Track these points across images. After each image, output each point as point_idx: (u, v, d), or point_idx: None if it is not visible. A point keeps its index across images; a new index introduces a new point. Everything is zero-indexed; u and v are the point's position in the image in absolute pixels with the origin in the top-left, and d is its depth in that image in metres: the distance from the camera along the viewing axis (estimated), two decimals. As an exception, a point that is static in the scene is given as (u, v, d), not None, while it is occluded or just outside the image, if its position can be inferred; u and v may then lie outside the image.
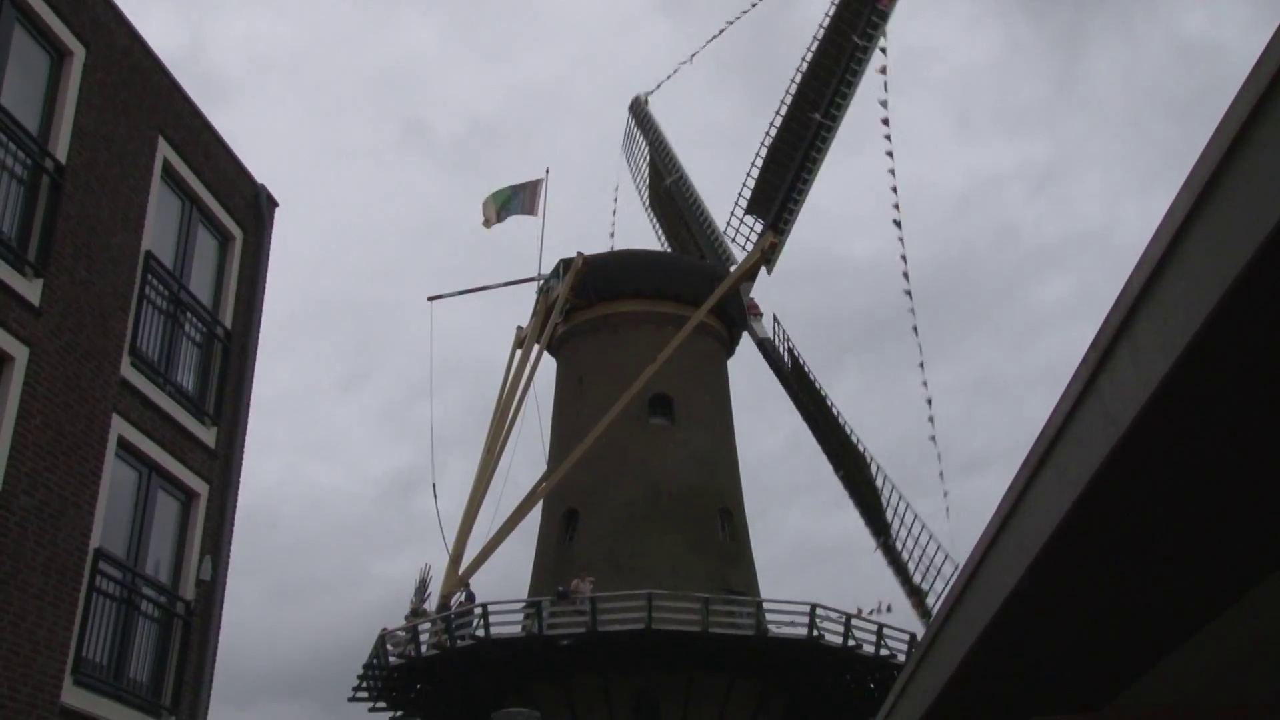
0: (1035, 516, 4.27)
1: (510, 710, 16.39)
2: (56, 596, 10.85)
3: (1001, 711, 6.43)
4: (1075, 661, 5.63)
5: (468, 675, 31.25)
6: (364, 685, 33.59)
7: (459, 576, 34.72)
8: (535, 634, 29.87)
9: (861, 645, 30.78)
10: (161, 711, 12.50)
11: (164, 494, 13.05)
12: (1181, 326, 3.08)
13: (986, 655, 5.46)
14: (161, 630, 12.85)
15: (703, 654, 29.71)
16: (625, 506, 33.67)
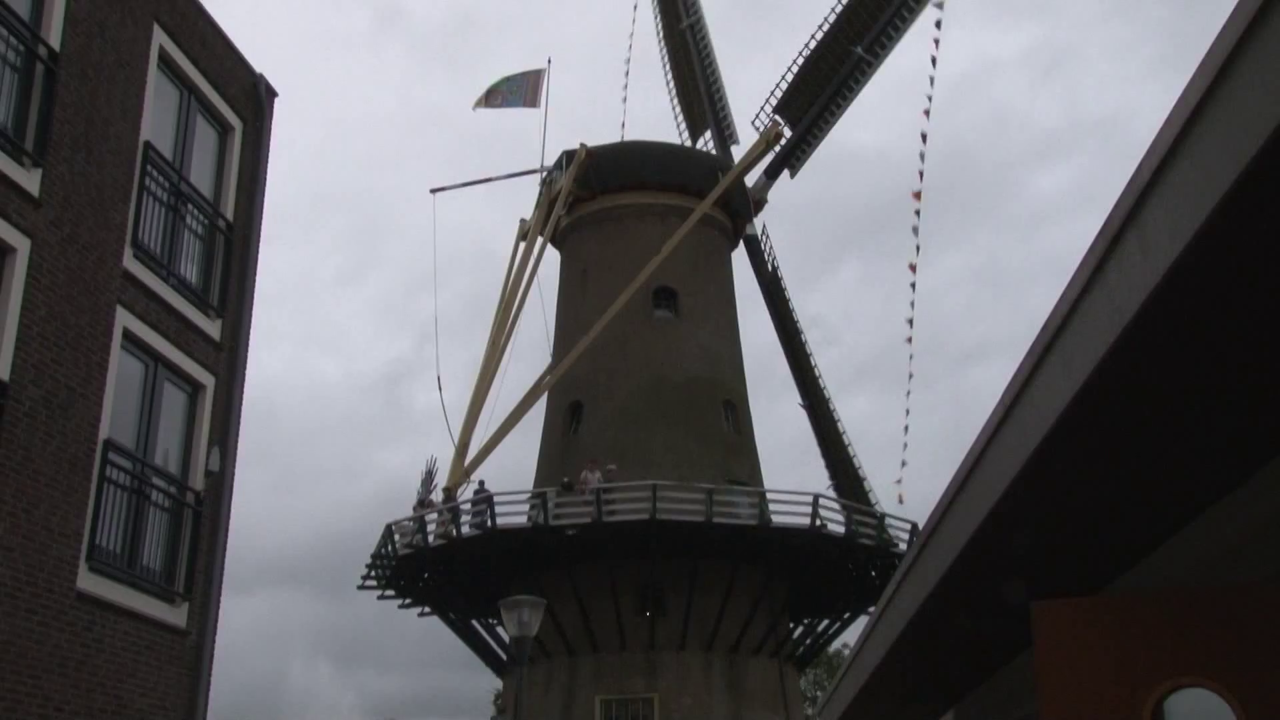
0: (1039, 405, 4.29)
1: (516, 598, 16.64)
2: (68, 486, 10.99)
3: (1002, 595, 6.54)
4: (1076, 546, 5.71)
5: (474, 564, 31.77)
6: (372, 574, 34.18)
7: (464, 468, 35.09)
8: (541, 524, 30.28)
9: (863, 534, 31.22)
10: (175, 597, 12.74)
11: (171, 386, 13.13)
12: (1191, 214, 3.05)
13: (987, 542, 5.54)
14: (172, 520, 13.03)
15: (707, 543, 30.14)
16: (629, 399, 33.87)
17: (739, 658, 31.57)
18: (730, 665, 31.53)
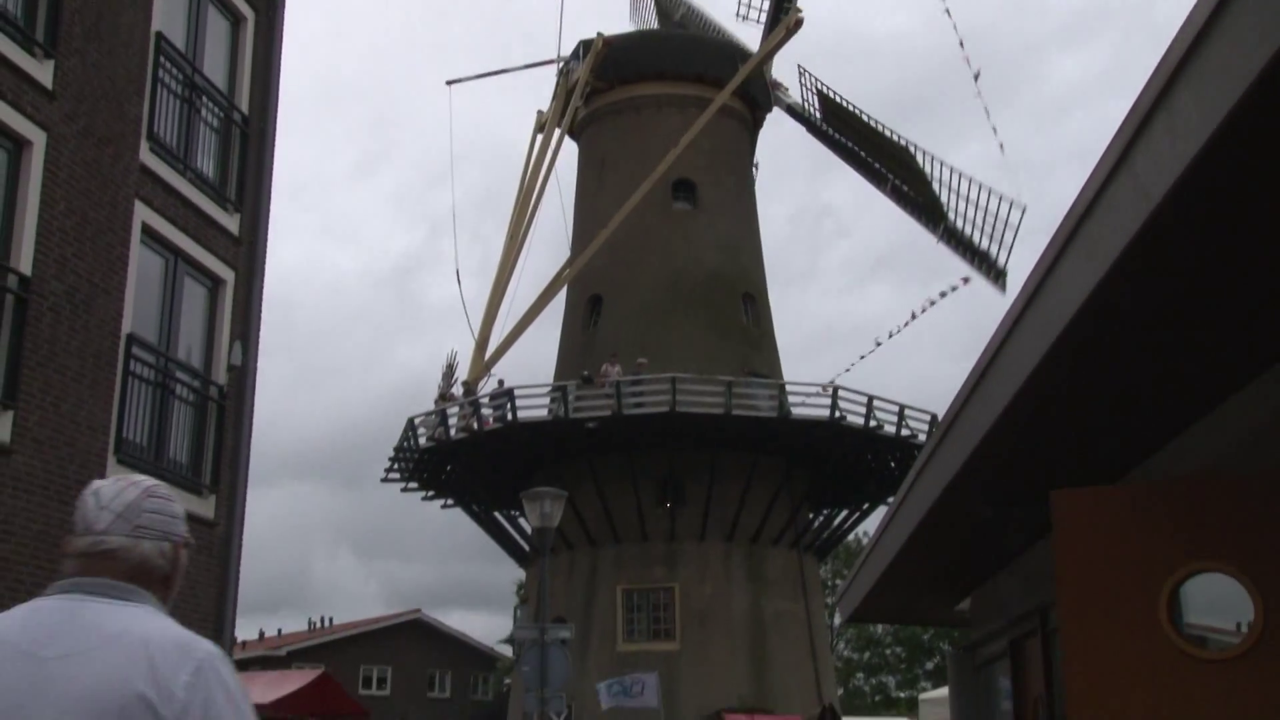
0: (1061, 293, 4.26)
1: (538, 490, 16.85)
2: (94, 380, 11.09)
3: (1020, 485, 6.57)
4: (1095, 435, 5.72)
5: (496, 457, 32.11)
6: (395, 468, 34.61)
7: (485, 362, 35.26)
8: (561, 417, 30.50)
9: (883, 425, 31.35)
10: (202, 490, 12.93)
11: (191, 281, 13.16)
12: (1223, 96, 2.98)
13: (1006, 432, 5.54)
14: (196, 413, 13.17)
15: (726, 435, 30.35)
16: (649, 292, 33.83)
17: (758, 547, 32.00)
18: (750, 555, 31.97)
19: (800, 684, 31.30)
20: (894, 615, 13.28)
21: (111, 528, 2.34)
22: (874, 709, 51.46)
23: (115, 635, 2.19)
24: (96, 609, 2.25)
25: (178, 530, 2.50)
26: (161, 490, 2.49)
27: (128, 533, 2.36)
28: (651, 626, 31.45)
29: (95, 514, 2.36)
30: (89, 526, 2.36)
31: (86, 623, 2.22)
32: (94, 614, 2.24)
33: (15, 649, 2.18)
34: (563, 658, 15.49)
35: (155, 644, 2.20)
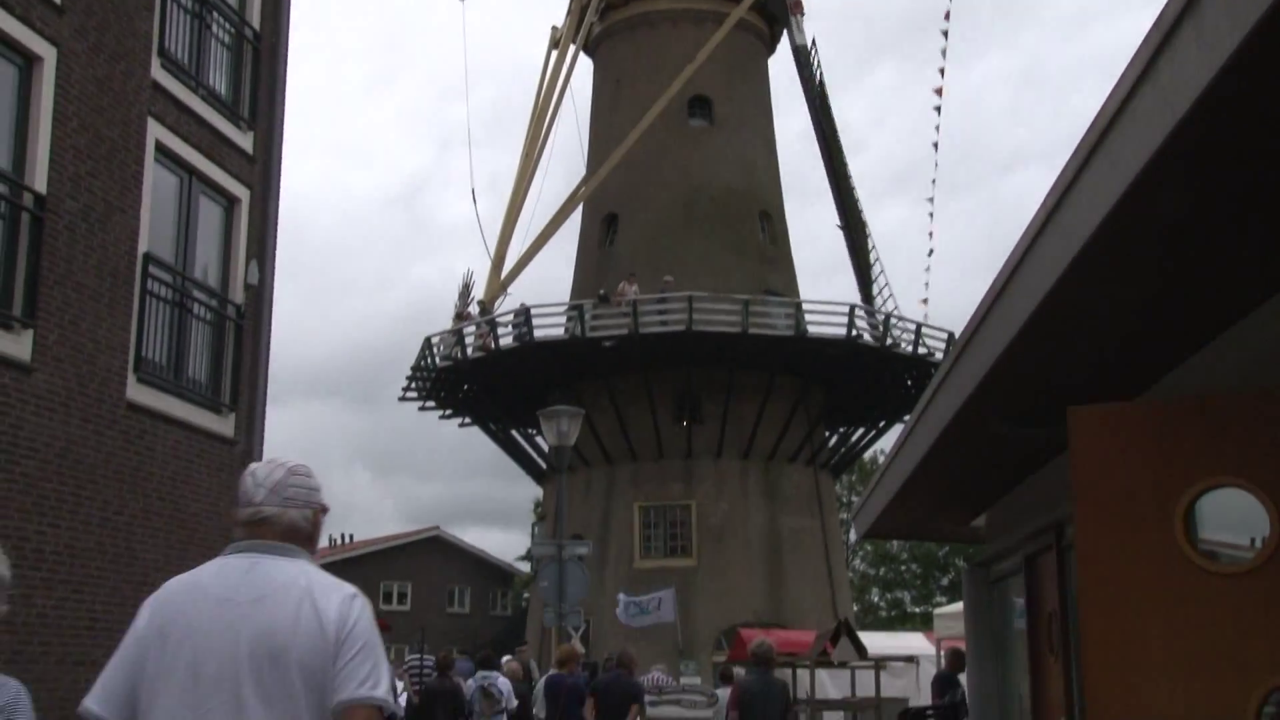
0: (1082, 207, 4.20)
1: (555, 408, 16.92)
2: (111, 299, 11.13)
3: (1037, 402, 6.56)
4: (1113, 352, 5.69)
5: (513, 376, 32.22)
6: (412, 386, 34.80)
7: (501, 281, 35.25)
8: (578, 336, 30.54)
9: (899, 344, 31.31)
10: (221, 408, 13.02)
11: (206, 199, 13.13)
12: (1254, 5, 2.91)
13: (1024, 349, 5.52)
14: (214, 332, 13.21)
15: (743, 354, 30.37)
16: (665, 210, 33.66)
17: (775, 465, 32.17)
18: (766, 472, 32.16)
19: (816, 600, 31.65)
20: (909, 531, 13.36)
21: (266, 500, 2.98)
22: (889, 624, 52.07)
23: (285, 583, 2.84)
24: (268, 563, 2.89)
25: (316, 500, 3.07)
26: (302, 469, 3.10)
27: (278, 504, 2.98)
28: (668, 543, 31.78)
29: (253, 490, 3.01)
30: (249, 500, 3.00)
31: (263, 574, 2.87)
32: (267, 567, 2.88)
33: (214, 596, 2.83)
34: (580, 573, 15.66)
35: (315, 587, 2.85)
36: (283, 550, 2.92)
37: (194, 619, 2.81)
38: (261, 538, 2.95)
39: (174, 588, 2.96)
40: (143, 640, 2.83)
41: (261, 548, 2.92)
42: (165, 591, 2.96)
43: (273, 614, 2.77)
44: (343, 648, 2.77)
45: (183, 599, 2.89)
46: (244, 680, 2.71)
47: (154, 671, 2.77)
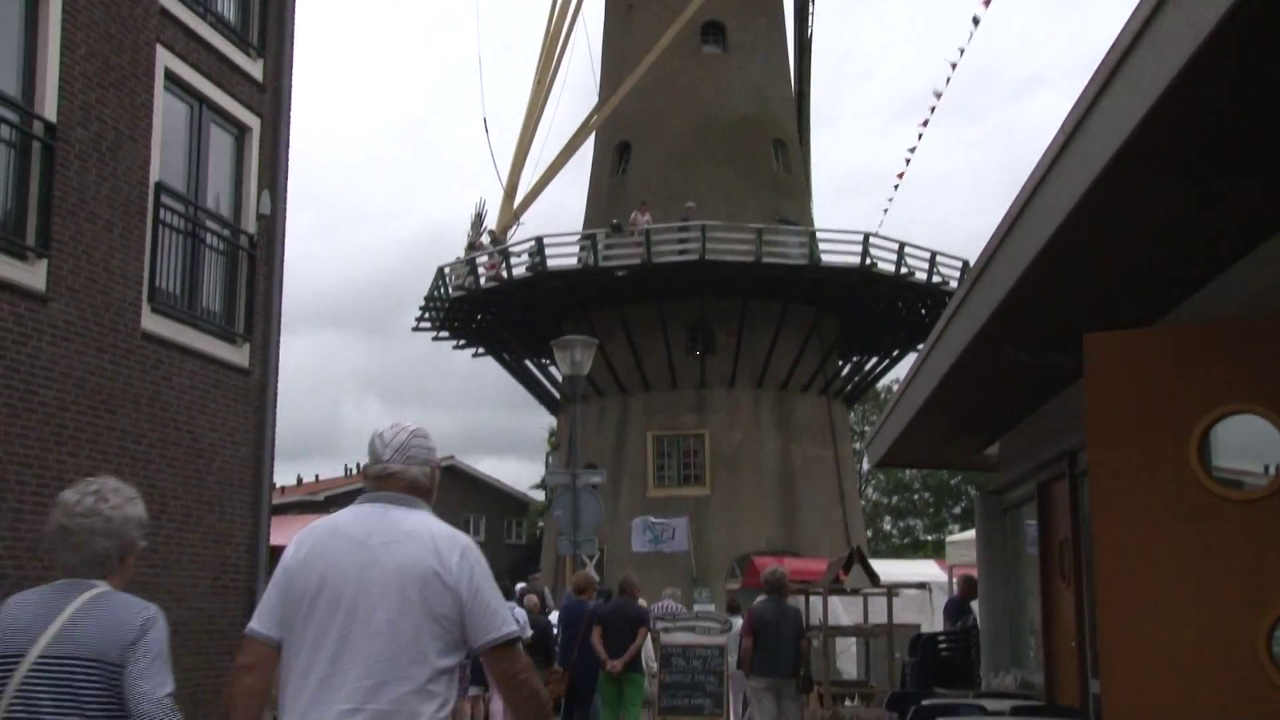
0: (1102, 131, 4.15)
1: (569, 338, 16.94)
2: (125, 229, 11.12)
3: (1052, 330, 6.54)
4: (1129, 279, 5.65)
5: (526, 306, 32.21)
6: (425, 317, 34.84)
7: (513, 210, 35.12)
8: (591, 266, 30.47)
9: (914, 273, 31.17)
10: (235, 338, 13.06)
11: (217, 128, 13.05)
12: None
13: (1040, 276, 5.49)
14: (227, 262, 13.21)
15: (756, 283, 30.28)
16: (677, 138, 33.39)
17: (788, 394, 32.21)
18: (779, 402, 32.21)
19: (828, 528, 31.87)
20: (922, 460, 13.42)
21: (392, 459, 3.43)
22: (901, 552, 52.46)
23: (411, 530, 3.30)
24: (396, 513, 3.35)
25: (433, 459, 3.54)
26: (421, 432, 3.55)
27: (402, 462, 3.43)
28: (681, 472, 31.95)
29: (381, 450, 3.47)
30: (378, 458, 3.46)
31: (393, 522, 3.32)
32: (396, 516, 3.34)
33: (350, 538, 3.30)
34: (594, 502, 15.77)
35: (437, 535, 3.31)
36: (407, 502, 3.39)
37: (333, 556, 3.28)
38: (388, 490, 3.41)
39: (316, 530, 3.42)
40: (290, 573, 3.33)
41: (389, 499, 3.38)
42: (308, 533, 3.43)
43: (402, 556, 3.24)
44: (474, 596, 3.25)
45: (324, 539, 3.35)
46: (377, 607, 3.19)
47: (300, 599, 3.26)
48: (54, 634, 3.13)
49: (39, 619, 3.19)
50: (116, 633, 3.15)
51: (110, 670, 3.10)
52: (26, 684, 3.06)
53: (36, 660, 3.08)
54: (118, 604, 3.27)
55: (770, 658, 10.83)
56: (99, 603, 3.24)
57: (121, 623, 3.19)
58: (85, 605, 3.21)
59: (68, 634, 3.13)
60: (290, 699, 3.17)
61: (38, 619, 3.19)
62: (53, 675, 3.07)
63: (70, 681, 3.07)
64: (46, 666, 3.08)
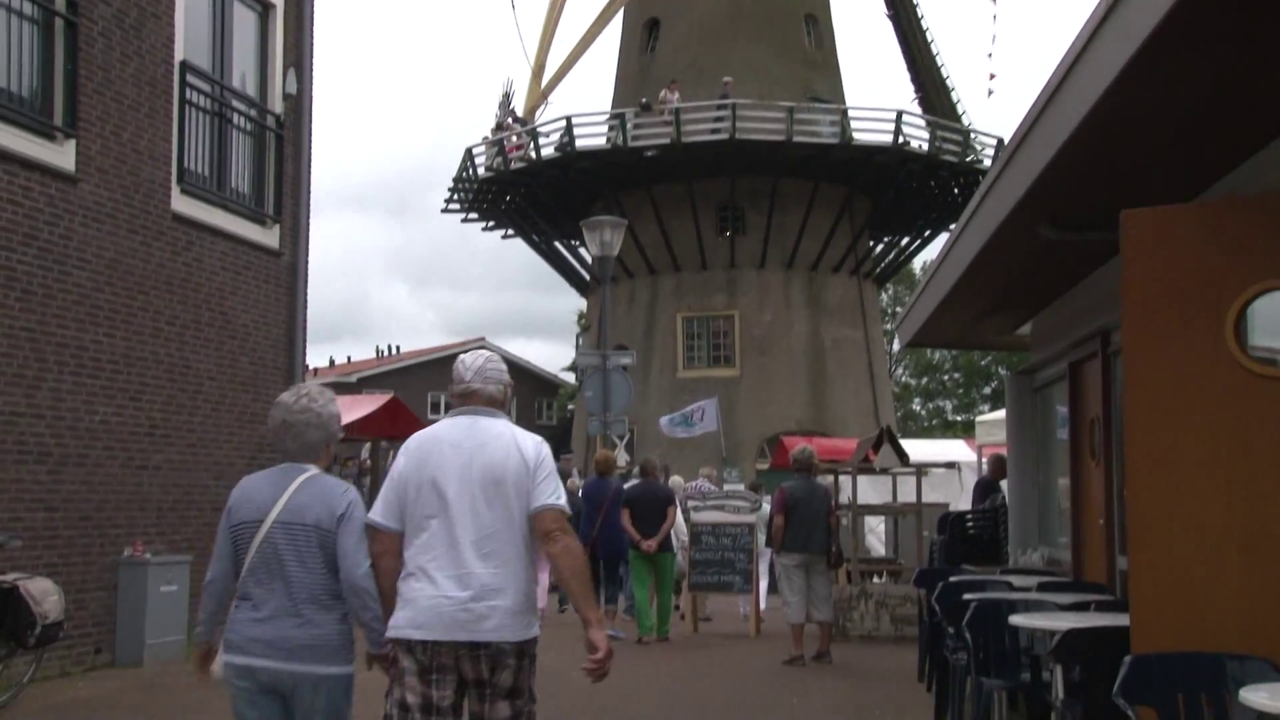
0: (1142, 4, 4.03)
1: (598, 218, 16.85)
2: (151, 109, 11.06)
3: (1087, 207, 6.44)
4: (1168, 154, 5.54)
5: (555, 187, 32.00)
6: (454, 198, 34.70)
7: (541, 90, 34.69)
8: (620, 145, 30.16)
9: (948, 150, 30.71)
10: (265, 220, 13.06)
11: (240, 5, 12.87)
12: None
13: (1077, 151, 5.39)
14: (255, 143, 13.15)
15: (787, 162, 29.93)
16: (707, 14, 32.70)
17: (818, 275, 32.06)
18: (810, 282, 32.08)
19: (858, 409, 31.97)
20: (953, 340, 13.38)
21: (473, 380, 4.24)
22: (930, 433, 52.69)
23: (497, 434, 4.13)
24: (481, 422, 4.16)
25: (506, 379, 4.33)
26: (495, 358, 4.36)
27: (481, 382, 4.24)
28: (711, 354, 32.01)
29: (464, 372, 4.26)
30: (461, 379, 4.25)
31: (481, 428, 4.14)
32: (483, 423, 4.15)
33: (449, 442, 4.11)
34: (624, 383, 15.85)
35: (517, 436, 4.15)
36: (488, 412, 4.21)
37: (437, 459, 4.08)
38: (473, 404, 4.22)
39: (420, 439, 4.20)
40: (404, 475, 4.10)
41: (475, 411, 4.19)
42: (414, 442, 4.20)
43: (492, 454, 4.06)
44: (536, 474, 4.07)
45: (428, 444, 4.14)
46: (476, 495, 4.01)
47: (414, 494, 4.04)
48: (283, 504, 4.04)
49: (271, 493, 4.08)
50: (329, 507, 4.04)
51: (325, 534, 4.01)
52: (266, 541, 4.01)
53: (272, 524, 4.02)
54: (327, 484, 4.14)
55: (802, 534, 10.98)
56: (313, 482, 4.10)
57: (332, 499, 4.07)
58: (303, 484, 4.08)
59: (293, 505, 4.04)
60: (413, 570, 4.00)
61: (270, 493, 4.08)
62: (284, 535, 4.01)
63: (296, 540, 4.01)
64: (279, 529, 4.02)
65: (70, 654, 9.88)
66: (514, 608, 3.96)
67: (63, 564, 9.84)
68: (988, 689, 6.44)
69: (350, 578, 3.98)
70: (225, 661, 4.01)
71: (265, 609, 3.96)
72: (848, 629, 12.74)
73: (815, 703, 8.77)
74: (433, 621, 3.90)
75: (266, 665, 3.93)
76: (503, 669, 3.94)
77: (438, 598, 3.92)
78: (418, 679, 3.91)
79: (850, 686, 9.57)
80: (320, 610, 3.98)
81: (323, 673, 3.95)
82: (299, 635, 3.93)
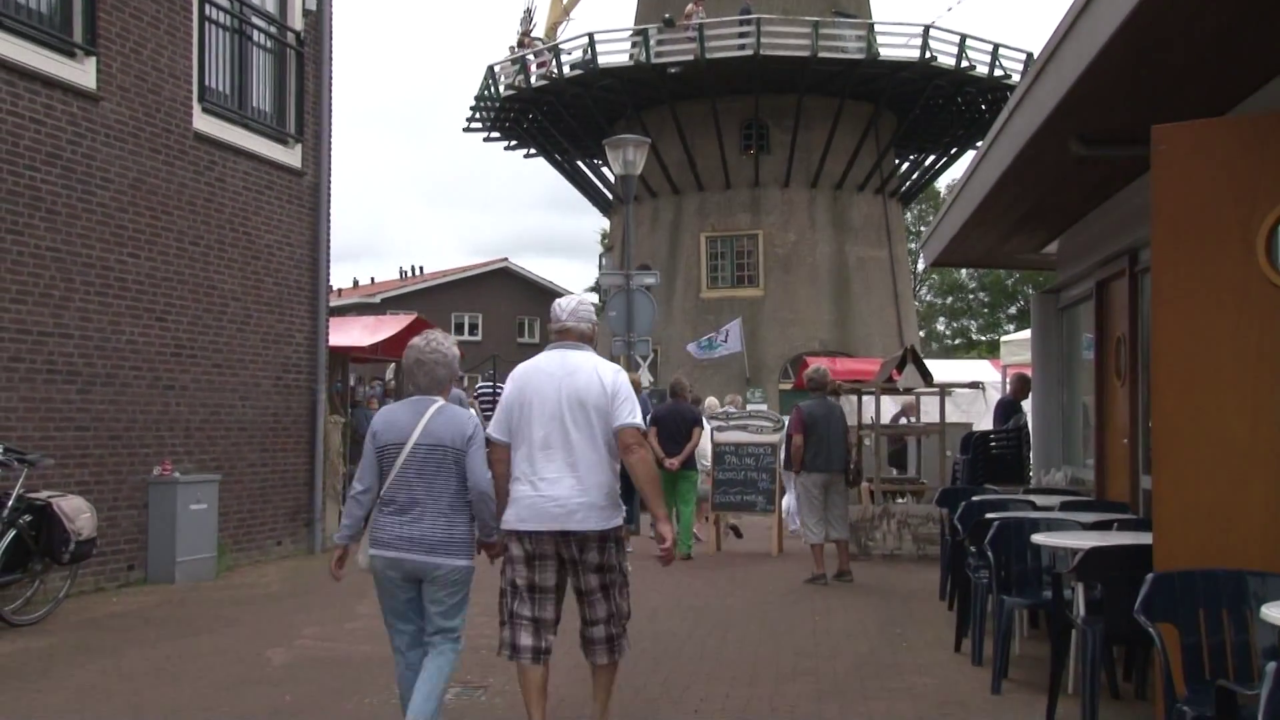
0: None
1: (621, 137, 16.70)
2: (170, 25, 10.98)
3: (1117, 122, 6.34)
4: (1201, 68, 5.43)
5: (577, 105, 31.71)
6: (476, 117, 34.44)
7: (563, 5, 34.24)
8: (643, 62, 29.81)
9: (975, 66, 30.23)
10: (287, 139, 13.00)
11: (258, -80, 12.73)
12: None
13: (1107, 67, 5.29)
14: (276, 61, 13.05)
15: (812, 79, 29.54)
16: (733, -74, 32.09)
17: (843, 194, 31.80)
18: (834, 201, 31.83)
19: (882, 328, 31.87)
20: (979, 259, 13.27)
21: (567, 319, 5.25)
22: (955, 352, 52.55)
23: (583, 364, 5.10)
24: (573, 354, 5.15)
25: (593, 318, 5.33)
26: (586, 300, 5.50)
27: (574, 321, 5.25)
28: (735, 274, 31.89)
29: (559, 313, 5.28)
30: (558, 319, 5.27)
31: (570, 360, 5.13)
32: (573, 356, 5.15)
33: (546, 371, 5.12)
34: (648, 303, 15.82)
35: (600, 366, 5.11)
36: (579, 346, 5.21)
37: (537, 384, 5.12)
38: (566, 339, 5.22)
39: (524, 367, 5.25)
40: (512, 398, 5.15)
41: (567, 345, 5.21)
42: (519, 371, 5.23)
43: (578, 381, 5.05)
44: (614, 399, 5.03)
45: (530, 373, 5.18)
46: (565, 415, 5.01)
47: (519, 414, 5.10)
48: (420, 429, 4.90)
49: (410, 420, 4.94)
50: (459, 430, 4.93)
51: (457, 453, 4.90)
52: (408, 459, 4.89)
53: (412, 446, 4.89)
54: (454, 412, 5.02)
55: (822, 453, 11.00)
56: (442, 411, 4.97)
57: (460, 424, 4.95)
58: (435, 413, 4.95)
59: (429, 429, 4.90)
60: (519, 475, 5.05)
61: (409, 420, 4.95)
62: (424, 454, 4.89)
63: (433, 458, 4.89)
64: (420, 449, 4.89)
65: (104, 570, 10.06)
66: (596, 504, 4.97)
67: (94, 482, 9.98)
68: (1009, 607, 6.49)
69: (477, 484, 4.90)
70: (373, 555, 4.90)
71: (409, 514, 4.86)
72: (870, 548, 12.82)
73: (837, 620, 8.85)
74: (534, 517, 4.95)
75: (412, 558, 4.83)
76: (589, 550, 4.99)
77: (536, 498, 4.96)
78: (524, 564, 4.99)
79: (872, 605, 9.66)
80: (453, 514, 4.89)
81: (453, 564, 4.86)
82: (436, 534, 4.84)
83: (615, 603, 5.11)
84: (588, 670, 5.26)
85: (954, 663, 7.23)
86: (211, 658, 7.29)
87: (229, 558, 11.52)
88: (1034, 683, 6.48)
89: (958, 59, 29.89)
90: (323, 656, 7.35)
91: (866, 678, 6.79)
